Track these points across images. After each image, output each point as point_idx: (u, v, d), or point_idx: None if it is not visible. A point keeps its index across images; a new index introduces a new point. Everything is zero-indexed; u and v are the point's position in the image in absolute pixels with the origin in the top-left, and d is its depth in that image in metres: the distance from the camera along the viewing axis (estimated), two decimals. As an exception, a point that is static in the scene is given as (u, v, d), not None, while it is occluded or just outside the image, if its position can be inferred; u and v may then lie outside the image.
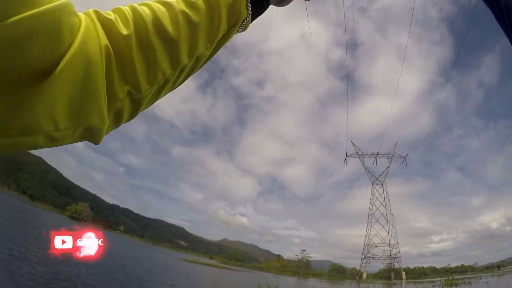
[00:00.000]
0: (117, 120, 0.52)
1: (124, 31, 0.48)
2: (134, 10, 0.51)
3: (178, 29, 0.52)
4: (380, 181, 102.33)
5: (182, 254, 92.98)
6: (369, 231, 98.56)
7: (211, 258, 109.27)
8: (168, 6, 0.54)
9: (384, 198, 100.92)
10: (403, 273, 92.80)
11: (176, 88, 0.61)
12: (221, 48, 0.63)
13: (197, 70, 0.60)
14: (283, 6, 0.73)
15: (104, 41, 0.45)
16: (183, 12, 0.54)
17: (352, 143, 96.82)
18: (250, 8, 0.62)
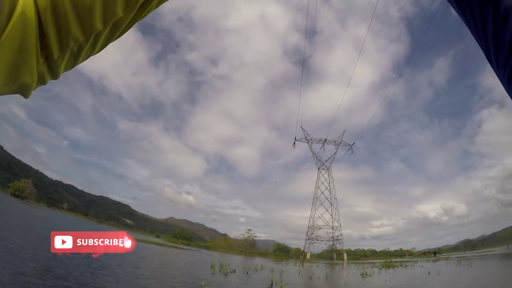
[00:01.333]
0: (41, 81, 0.54)
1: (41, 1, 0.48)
2: None
3: None
4: (326, 166, 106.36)
5: (129, 233, 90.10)
6: (313, 213, 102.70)
7: (157, 237, 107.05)
8: None
9: (329, 183, 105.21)
10: (345, 254, 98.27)
11: (95, 54, 0.58)
12: (156, 11, 0.59)
13: (118, 37, 0.57)
14: None
15: (33, 6, 0.47)
16: None
17: (302, 128, 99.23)
18: None
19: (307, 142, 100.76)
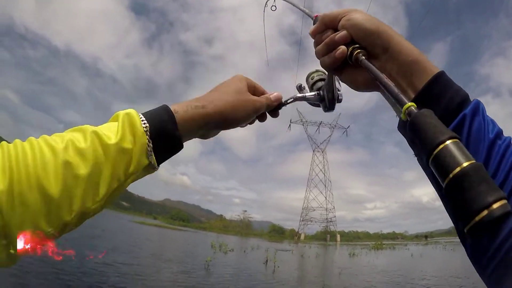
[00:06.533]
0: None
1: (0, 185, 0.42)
2: (16, 156, 0.44)
3: (58, 185, 0.45)
4: (321, 149, 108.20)
5: (126, 215, 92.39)
6: (307, 195, 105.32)
7: (155, 218, 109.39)
8: (54, 152, 0.46)
9: (324, 165, 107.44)
10: (338, 236, 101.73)
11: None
12: None
13: (89, 218, 0.52)
14: (208, 138, 0.71)
15: None
16: (68, 164, 0.46)
17: (297, 110, 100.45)
18: (152, 155, 0.54)
19: (302, 125, 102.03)
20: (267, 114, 0.75)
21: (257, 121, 0.74)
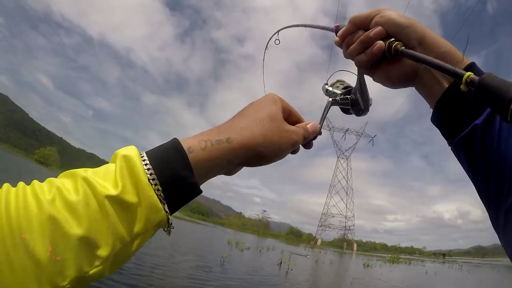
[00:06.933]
0: None
1: None
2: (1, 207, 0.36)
3: (46, 244, 0.35)
4: (345, 156, 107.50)
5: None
6: (328, 201, 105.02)
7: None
8: (39, 205, 0.36)
9: (347, 172, 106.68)
10: (355, 245, 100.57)
11: None
12: None
13: (94, 281, 0.41)
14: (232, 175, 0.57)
15: None
16: (55, 221, 0.36)
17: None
18: (162, 210, 0.42)
19: (329, 130, 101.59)
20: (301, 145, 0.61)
21: None
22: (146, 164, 0.42)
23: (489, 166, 0.51)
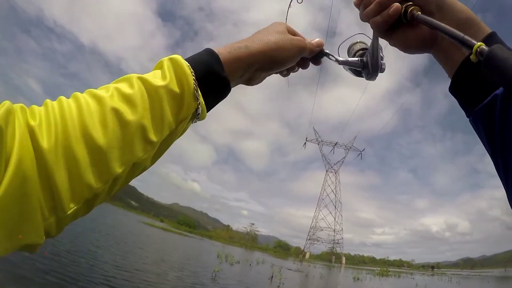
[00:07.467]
0: (47, 237, 0.42)
1: (45, 143, 0.38)
2: (60, 110, 0.41)
3: (107, 134, 0.42)
4: (334, 169, 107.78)
5: (134, 214, 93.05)
6: (317, 214, 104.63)
7: (161, 221, 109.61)
8: (100, 102, 0.43)
9: (336, 186, 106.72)
10: (343, 258, 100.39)
11: (112, 196, 0.47)
12: None
13: (139, 174, 0.49)
14: (254, 85, 0.68)
15: (31, 152, 0.38)
16: (116, 111, 0.43)
17: (314, 129, 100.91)
18: (199, 99, 0.50)
19: (318, 144, 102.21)
20: (310, 61, 0.72)
21: (273, 135, 0.69)
22: (188, 64, 0.51)
23: (509, 138, 0.49)
